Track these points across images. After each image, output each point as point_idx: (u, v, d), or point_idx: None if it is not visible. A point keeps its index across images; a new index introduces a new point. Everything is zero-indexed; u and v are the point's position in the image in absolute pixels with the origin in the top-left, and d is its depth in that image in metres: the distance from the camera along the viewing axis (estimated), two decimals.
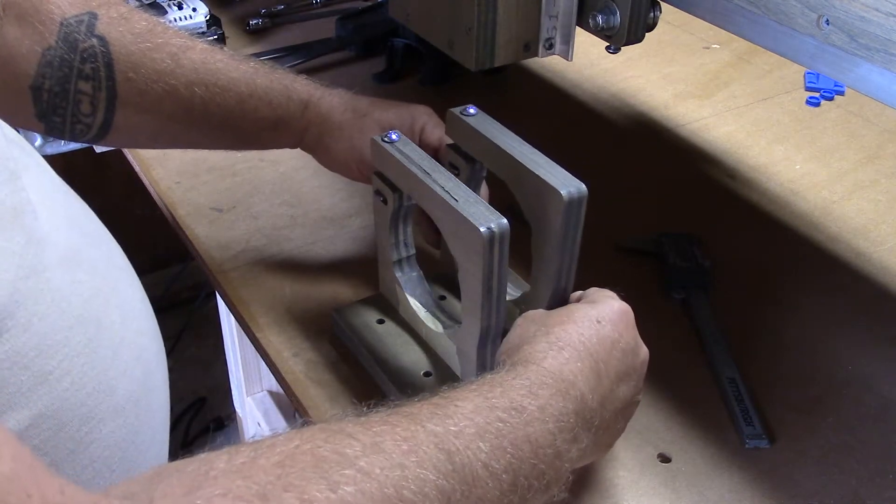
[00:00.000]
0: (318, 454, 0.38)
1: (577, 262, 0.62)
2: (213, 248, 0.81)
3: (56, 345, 0.44)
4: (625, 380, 0.54)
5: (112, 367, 0.48)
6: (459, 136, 0.66)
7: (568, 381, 0.50)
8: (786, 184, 0.92)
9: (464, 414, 0.44)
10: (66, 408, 0.44)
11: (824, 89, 1.08)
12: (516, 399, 0.47)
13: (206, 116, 0.69)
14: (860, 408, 0.67)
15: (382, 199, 0.66)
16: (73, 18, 0.64)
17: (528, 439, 0.45)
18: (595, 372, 0.52)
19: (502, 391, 0.47)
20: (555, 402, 0.48)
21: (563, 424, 0.48)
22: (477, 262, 0.57)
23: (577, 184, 0.58)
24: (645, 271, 0.79)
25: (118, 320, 0.50)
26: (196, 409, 1.73)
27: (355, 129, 0.71)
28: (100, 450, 0.47)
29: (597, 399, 0.51)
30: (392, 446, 0.40)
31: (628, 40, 0.63)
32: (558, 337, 0.53)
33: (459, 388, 0.47)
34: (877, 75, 0.48)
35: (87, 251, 0.50)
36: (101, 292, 0.49)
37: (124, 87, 0.66)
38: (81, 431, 0.45)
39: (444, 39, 0.68)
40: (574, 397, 0.49)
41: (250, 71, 0.70)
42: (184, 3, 1.10)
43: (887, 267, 0.81)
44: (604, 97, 1.07)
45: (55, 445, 0.44)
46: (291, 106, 0.71)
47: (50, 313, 0.44)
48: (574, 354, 0.51)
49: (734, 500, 0.59)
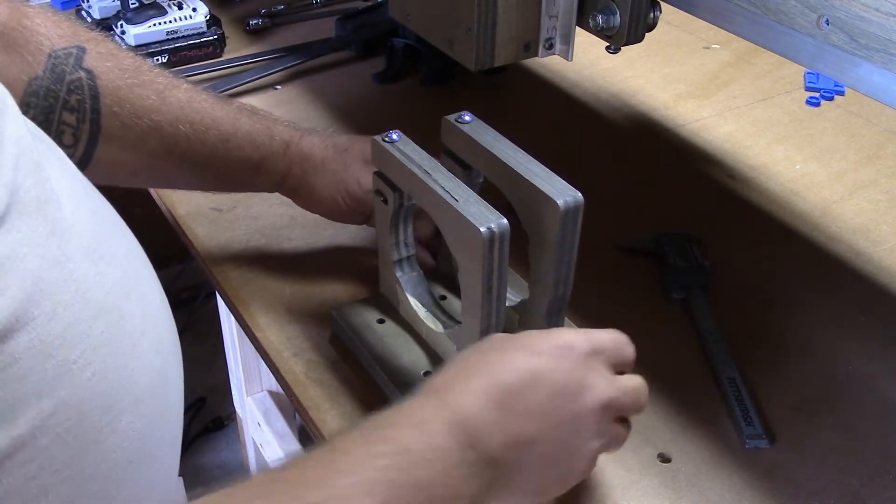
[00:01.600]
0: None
1: (574, 270, 0.62)
2: (213, 248, 0.81)
3: (79, 335, 0.44)
4: (558, 423, 0.49)
5: (132, 358, 0.48)
6: (454, 143, 0.66)
7: (465, 412, 0.47)
8: (786, 184, 0.92)
9: (347, 469, 0.42)
10: (87, 398, 0.44)
11: (824, 89, 1.08)
12: (404, 439, 0.45)
13: (189, 154, 0.69)
14: (860, 408, 0.67)
15: (383, 199, 0.66)
16: (62, 51, 0.64)
17: (418, 484, 0.43)
18: (501, 405, 0.47)
19: (392, 433, 0.45)
20: (444, 438, 0.45)
21: (453, 461, 0.45)
22: (477, 262, 0.57)
23: (574, 192, 0.58)
24: (645, 271, 0.79)
25: (139, 312, 0.50)
26: (196, 409, 1.73)
27: (339, 163, 0.72)
28: (119, 440, 0.46)
29: (502, 437, 0.47)
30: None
31: (628, 40, 0.63)
32: (474, 364, 0.50)
33: (348, 434, 0.45)
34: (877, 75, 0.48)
35: (109, 243, 0.50)
36: (123, 284, 0.49)
37: (109, 120, 0.66)
38: (102, 421, 0.45)
39: (444, 39, 0.68)
40: (469, 433, 0.46)
41: (234, 111, 0.71)
42: (184, 3, 1.10)
43: (887, 267, 0.81)
44: (604, 97, 1.07)
45: (76, 435, 0.44)
46: (273, 146, 0.71)
47: (74, 303, 0.44)
48: (482, 385, 0.48)
49: (734, 500, 0.59)
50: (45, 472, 0.42)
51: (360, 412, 0.65)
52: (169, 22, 1.07)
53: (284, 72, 1.07)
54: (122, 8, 1.08)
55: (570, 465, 0.52)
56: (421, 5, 0.71)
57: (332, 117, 1.01)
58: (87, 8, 1.13)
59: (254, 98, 1.04)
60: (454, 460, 0.45)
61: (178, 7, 1.09)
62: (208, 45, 1.10)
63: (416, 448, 0.44)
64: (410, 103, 1.04)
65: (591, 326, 0.71)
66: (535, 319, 0.65)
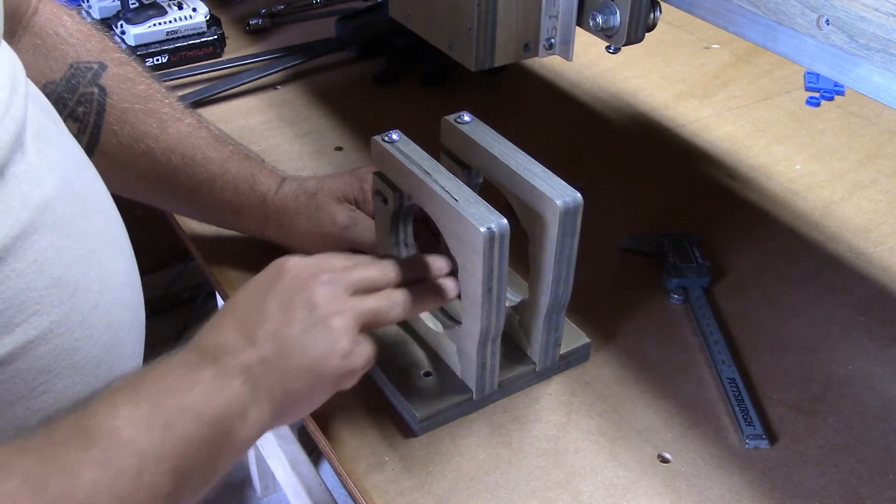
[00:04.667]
0: None
1: (574, 270, 0.62)
2: (213, 248, 0.81)
3: (29, 301, 0.48)
4: (288, 310, 0.53)
5: (79, 329, 0.51)
6: (454, 143, 0.66)
7: (206, 340, 0.52)
8: (786, 184, 0.92)
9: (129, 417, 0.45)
10: (26, 358, 0.48)
11: (824, 89, 1.08)
12: (160, 385, 0.48)
13: (176, 186, 0.73)
14: (860, 408, 0.67)
15: (383, 199, 0.66)
16: (84, 64, 0.69)
17: (184, 407, 0.47)
18: (233, 320, 0.53)
19: (149, 378, 0.48)
20: (192, 368, 0.49)
21: (203, 380, 0.49)
22: (477, 262, 0.57)
23: (573, 193, 0.58)
24: (645, 271, 0.79)
25: (95, 288, 0.53)
26: None
27: (311, 207, 0.74)
28: (51, 401, 0.50)
29: (236, 342, 0.51)
30: None
31: (628, 40, 0.63)
32: (231, 305, 0.55)
33: (117, 384, 0.48)
34: (877, 75, 0.48)
35: (81, 222, 0.53)
36: (85, 261, 0.52)
37: (107, 137, 0.70)
38: (37, 381, 0.49)
39: (444, 39, 0.68)
40: (213, 354, 0.50)
41: (226, 153, 0.74)
42: (184, 3, 1.10)
43: (887, 267, 0.81)
44: (604, 97, 1.07)
45: (9, 388, 0.48)
46: (252, 197, 0.74)
47: (29, 272, 0.48)
48: (220, 315, 0.54)
49: (734, 500, 0.59)
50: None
51: (360, 412, 0.65)
52: (169, 22, 1.07)
53: (284, 72, 1.07)
54: (122, 8, 1.08)
55: (322, 339, 0.53)
56: (421, 5, 0.71)
57: (332, 117, 1.01)
58: (87, 8, 1.13)
59: (254, 98, 1.04)
60: (203, 379, 0.49)
61: (178, 7, 1.09)
62: (208, 45, 1.10)
63: (171, 384, 0.48)
64: (410, 103, 1.04)
65: (591, 326, 0.71)
66: (535, 319, 0.65)
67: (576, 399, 0.67)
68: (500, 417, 0.65)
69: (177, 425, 0.45)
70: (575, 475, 0.61)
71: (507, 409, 0.66)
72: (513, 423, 0.65)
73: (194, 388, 0.48)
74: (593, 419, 0.65)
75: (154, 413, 0.45)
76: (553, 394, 0.67)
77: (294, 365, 0.52)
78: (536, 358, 0.66)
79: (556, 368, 0.68)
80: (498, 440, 0.63)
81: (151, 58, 1.07)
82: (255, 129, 0.98)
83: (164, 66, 1.08)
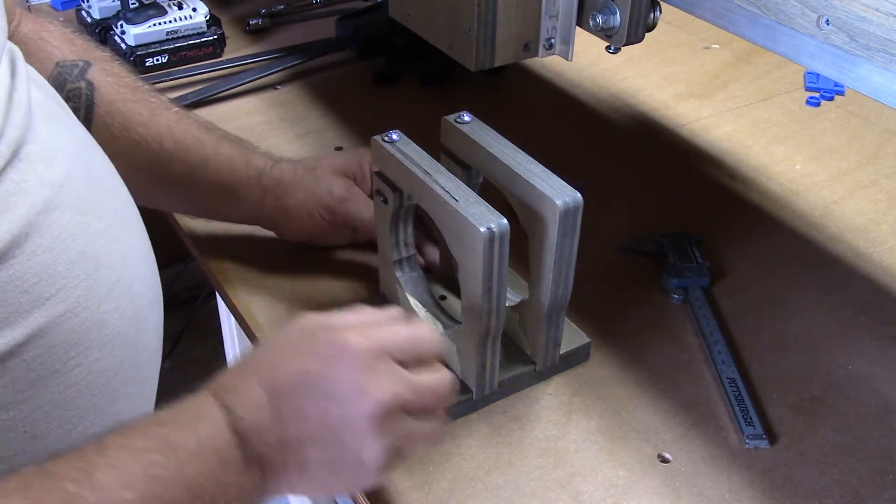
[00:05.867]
0: None
1: (574, 270, 0.62)
2: (214, 249, 0.81)
3: (56, 275, 0.49)
4: (332, 428, 0.48)
5: (105, 301, 0.52)
6: (454, 143, 0.66)
7: (237, 412, 0.47)
8: (786, 184, 0.92)
9: (110, 463, 0.42)
10: (57, 332, 0.49)
11: (824, 89, 1.08)
12: (174, 437, 0.45)
13: (170, 172, 0.73)
14: (860, 408, 0.67)
15: (383, 199, 0.66)
16: (70, 62, 0.70)
17: (185, 478, 0.44)
18: (271, 407, 0.47)
19: (163, 431, 0.45)
20: (213, 435, 0.46)
21: (222, 458, 0.46)
22: (477, 262, 0.57)
23: (573, 193, 0.58)
24: (645, 271, 0.79)
25: (118, 263, 0.54)
26: None
27: (310, 179, 0.74)
28: (84, 373, 0.51)
29: (270, 438, 0.47)
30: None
31: (628, 40, 0.63)
32: (255, 363, 0.50)
33: (125, 428, 0.45)
34: (877, 75, 0.48)
35: (98, 198, 0.55)
36: (105, 236, 0.54)
37: (99, 129, 0.70)
38: (69, 354, 0.50)
39: (444, 39, 0.68)
40: (239, 432, 0.46)
41: (217, 137, 0.75)
42: (184, 3, 1.10)
43: (887, 267, 0.81)
44: (604, 97, 1.07)
45: (42, 363, 0.49)
46: (249, 172, 0.74)
47: (55, 247, 0.49)
48: (256, 385, 0.48)
49: (734, 500, 0.59)
50: (8, 390, 0.48)
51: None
52: (169, 22, 1.07)
53: (284, 72, 1.07)
54: (122, 8, 1.08)
55: (349, 468, 0.49)
56: (421, 5, 0.71)
57: (332, 117, 1.01)
58: (87, 8, 1.13)
59: (254, 98, 1.04)
60: (223, 458, 0.45)
61: (178, 7, 1.09)
62: (208, 45, 1.10)
63: (185, 445, 0.45)
64: (410, 103, 1.04)
65: (591, 326, 0.71)
66: (535, 319, 0.65)
67: (576, 399, 0.67)
68: (500, 417, 0.65)
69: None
70: (575, 475, 0.61)
71: (507, 409, 0.66)
72: (513, 423, 0.65)
73: (226, 469, 0.45)
74: (593, 419, 0.65)
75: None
76: (553, 394, 0.67)
77: (314, 486, 0.50)
78: (536, 358, 0.67)
79: (557, 368, 0.68)
80: (498, 440, 0.63)
81: (151, 58, 1.07)
82: (255, 129, 0.98)
83: (164, 66, 1.08)
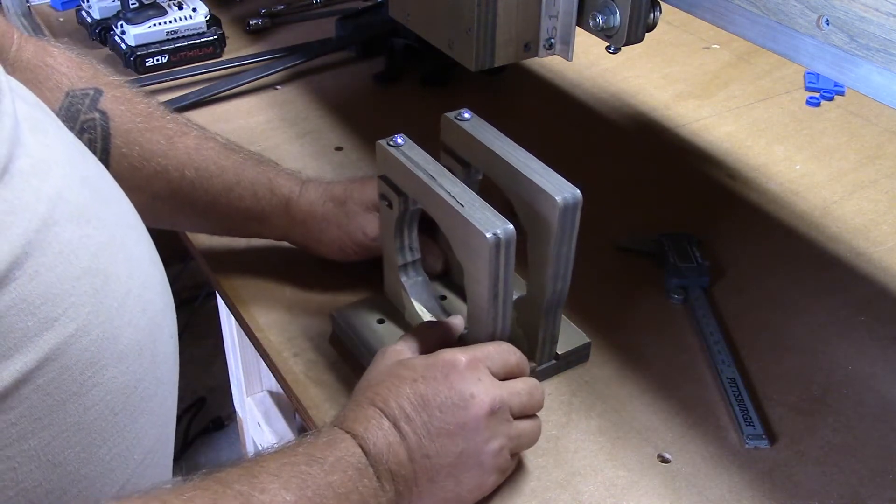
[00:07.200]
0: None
1: (572, 267, 0.62)
2: (213, 248, 0.81)
3: (63, 293, 0.47)
4: (452, 434, 0.54)
5: (117, 316, 0.51)
6: (454, 140, 0.66)
7: (367, 439, 0.53)
8: (786, 184, 0.92)
9: (269, 471, 0.49)
10: (70, 353, 0.47)
11: (824, 89, 1.08)
12: (315, 453, 0.51)
13: (193, 200, 0.72)
14: (860, 408, 0.67)
15: (388, 204, 0.66)
16: (80, 91, 0.68)
17: (331, 485, 0.50)
18: (398, 429, 0.54)
19: (304, 448, 0.52)
20: (350, 454, 0.52)
21: (361, 471, 0.51)
22: (483, 268, 0.57)
23: (572, 189, 0.58)
24: (645, 271, 0.79)
25: (125, 274, 0.52)
26: (196, 409, 1.73)
27: (341, 216, 0.73)
28: (102, 393, 0.49)
29: (400, 457, 0.53)
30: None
31: (628, 40, 0.63)
32: (370, 397, 0.55)
33: (268, 451, 0.51)
34: (877, 75, 0.48)
35: (98, 208, 0.52)
36: (110, 247, 0.52)
37: (117, 161, 0.69)
38: (85, 375, 0.48)
39: (444, 39, 0.68)
40: (372, 454, 0.52)
41: (239, 160, 0.73)
42: (184, 3, 1.10)
43: (887, 267, 0.81)
44: (604, 97, 1.07)
45: (58, 387, 0.47)
46: (274, 201, 0.73)
47: (58, 264, 0.47)
48: (378, 415, 0.54)
49: (734, 500, 0.59)
50: (25, 419, 0.45)
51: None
52: (169, 22, 1.07)
53: (284, 72, 1.07)
54: (122, 8, 1.08)
55: (475, 470, 0.56)
56: (421, 5, 0.70)
57: (332, 117, 1.01)
58: (87, 8, 1.13)
59: (254, 98, 1.04)
60: (360, 470, 0.51)
61: (178, 7, 1.09)
62: (208, 45, 1.10)
63: (326, 458, 0.51)
64: (410, 103, 1.04)
65: (591, 326, 0.71)
66: (533, 315, 0.65)
67: (576, 399, 0.67)
68: None
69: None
70: (575, 475, 0.61)
71: None
72: None
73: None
74: (593, 419, 0.65)
75: None
76: (553, 394, 0.67)
77: (442, 497, 0.55)
78: (534, 356, 0.66)
79: (556, 368, 0.68)
80: None
81: (151, 58, 1.07)
82: (255, 129, 0.98)
83: (164, 66, 1.08)
